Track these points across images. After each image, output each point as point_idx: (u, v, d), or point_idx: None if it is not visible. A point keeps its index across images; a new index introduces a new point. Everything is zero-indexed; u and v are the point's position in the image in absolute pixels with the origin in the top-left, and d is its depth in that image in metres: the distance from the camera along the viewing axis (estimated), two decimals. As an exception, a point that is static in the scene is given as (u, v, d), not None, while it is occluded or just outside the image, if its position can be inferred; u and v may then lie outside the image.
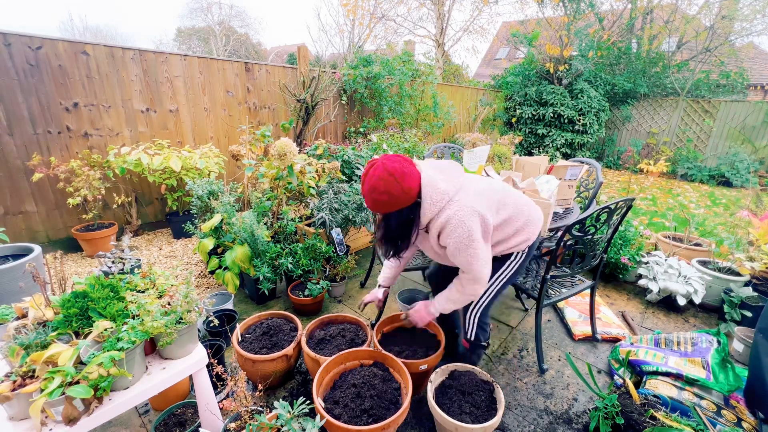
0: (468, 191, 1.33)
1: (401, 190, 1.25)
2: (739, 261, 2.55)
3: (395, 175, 1.24)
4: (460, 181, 1.35)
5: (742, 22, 8.72)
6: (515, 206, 1.44)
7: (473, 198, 1.31)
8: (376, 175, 1.26)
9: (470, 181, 1.39)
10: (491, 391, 1.57)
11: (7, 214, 3.15)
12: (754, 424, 1.54)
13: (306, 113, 4.64)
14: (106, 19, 38.32)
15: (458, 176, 1.37)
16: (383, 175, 1.25)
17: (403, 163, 1.27)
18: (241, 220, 2.50)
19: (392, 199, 1.27)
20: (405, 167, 1.27)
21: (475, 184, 1.39)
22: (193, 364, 1.32)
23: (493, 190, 1.42)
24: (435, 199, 1.28)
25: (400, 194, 1.26)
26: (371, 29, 11.59)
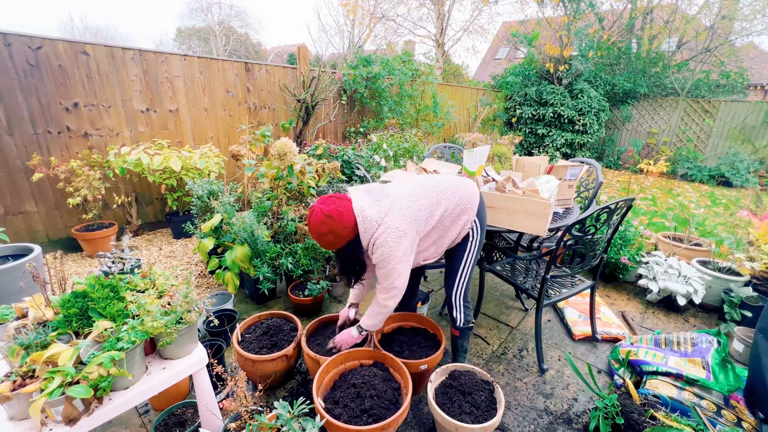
0: (394, 212, 1.43)
1: (342, 226, 1.40)
2: (739, 261, 2.55)
3: (333, 216, 1.39)
4: (387, 203, 1.45)
5: (742, 22, 8.72)
6: (447, 199, 1.54)
7: (398, 219, 1.42)
8: (317, 221, 1.41)
9: (397, 198, 1.48)
10: (491, 391, 1.57)
11: (7, 214, 3.15)
12: (754, 424, 1.54)
13: (306, 113, 4.64)
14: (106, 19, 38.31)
15: (385, 198, 1.47)
16: (323, 219, 1.40)
17: (337, 203, 1.42)
18: (241, 220, 2.50)
19: (337, 237, 1.43)
20: (339, 206, 1.41)
21: (402, 201, 1.48)
22: (193, 364, 1.32)
23: (419, 198, 1.50)
24: (366, 227, 1.41)
25: (342, 230, 1.41)
26: (371, 29, 11.58)
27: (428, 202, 1.51)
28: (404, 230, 1.42)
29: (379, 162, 3.75)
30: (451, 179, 1.65)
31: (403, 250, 1.43)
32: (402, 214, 1.44)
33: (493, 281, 3.04)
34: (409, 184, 1.58)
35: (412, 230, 1.45)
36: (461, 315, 1.74)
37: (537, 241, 2.53)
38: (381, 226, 1.41)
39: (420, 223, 1.48)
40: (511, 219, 1.84)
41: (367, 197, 1.47)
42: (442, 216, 1.53)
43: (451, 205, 1.55)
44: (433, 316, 2.53)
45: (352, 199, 1.47)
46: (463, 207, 1.58)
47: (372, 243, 1.43)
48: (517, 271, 2.32)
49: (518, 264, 2.41)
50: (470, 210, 1.59)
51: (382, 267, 1.46)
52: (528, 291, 2.02)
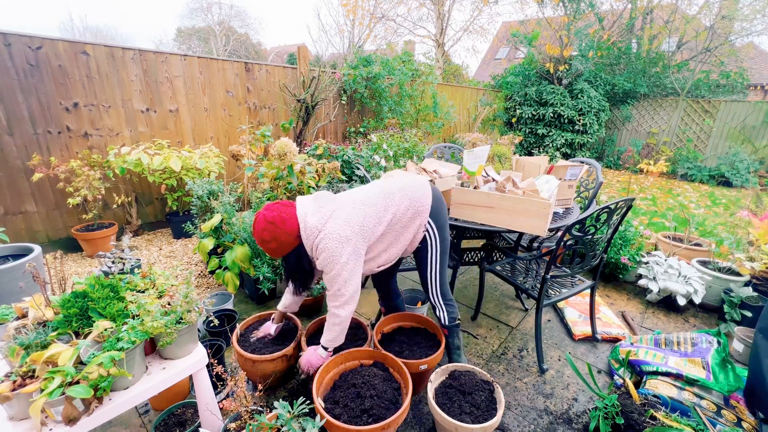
0: (337, 218, 1.42)
1: (285, 233, 1.40)
2: (739, 261, 2.55)
3: (275, 223, 1.39)
4: (330, 209, 1.44)
5: (742, 22, 8.72)
6: (395, 204, 1.52)
7: (341, 225, 1.40)
8: (259, 227, 1.41)
9: (343, 205, 1.47)
10: (491, 391, 1.57)
11: (7, 214, 3.15)
12: (754, 424, 1.54)
13: (306, 113, 4.64)
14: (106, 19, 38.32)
15: (329, 205, 1.46)
16: (265, 226, 1.40)
17: (281, 210, 1.42)
18: (241, 220, 2.50)
19: (280, 244, 1.42)
20: (283, 212, 1.41)
21: (347, 207, 1.46)
22: (193, 364, 1.32)
23: (365, 204, 1.48)
24: (308, 234, 1.41)
25: (285, 237, 1.41)
26: (371, 29, 11.59)
27: (374, 210, 1.49)
28: (347, 236, 1.40)
29: (379, 162, 3.75)
30: (402, 182, 1.61)
31: (346, 256, 1.40)
32: (346, 221, 1.42)
33: (493, 281, 3.04)
34: (360, 191, 1.57)
35: (356, 237, 1.42)
36: (444, 313, 1.74)
37: (537, 241, 2.53)
38: (322, 232, 1.40)
39: (367, 230, 1.46)
40: (511, 219, 1.84)
41: (312, 204, 1.46)
42: (390, 222, 1.51)
43: (400, 210, 1.52)
44: (432, 316, 2.53)
45: (296, 204, 1.46)
46: (414, 210, 1.55)
47: (315, 248, 1.42)
48: (517, 271, 2.32)
49: (518, 264, 2.41)
50: (422, 213, 1.57)
51: (326, 272, 1.45)
52: (528, 291, 2.02)
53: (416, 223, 1.57)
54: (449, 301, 1.75)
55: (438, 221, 1.61)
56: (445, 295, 1.73)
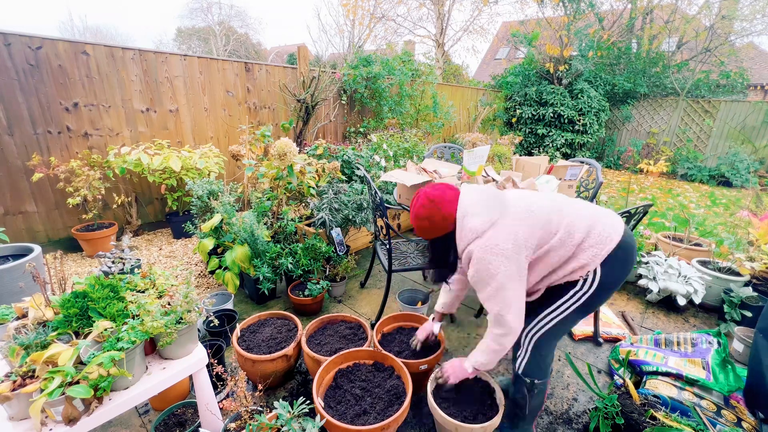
0: (502, 226, 1.21)
1: (441, 216, 1.28)
2: (739, 261, 2.55)
3: (435, 201, 1.28)
4: (496, 213, 1.23)
5: (742, 22, 8.72)
6: (567, 226, 1.22)
7: (505, 236, 1.19)
8: (419, 203, 1.32)
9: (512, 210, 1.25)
10: (491, 391, 1.57)
11: (7, 214, 3.15)
12: (754, 424, 1.54)
13: (306, 113, 4.64)
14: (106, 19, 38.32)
15: (497, 205, 1.25)
16: (425, 203, 1.30)
17: (444, 191, 1.31)
18: (241, 220, 2.50)
19: (433, 225, 1.30)
20: (446, 194, 1.29)
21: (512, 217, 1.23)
22: (193, 364, 1.32)
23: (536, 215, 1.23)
24: (463, 233, 1.26)
25: (440, 220, 1.28)
26: (371, 29, 11.58)
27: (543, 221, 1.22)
28: (507, 249, 1.18)
29: (379, 162, 3.75)
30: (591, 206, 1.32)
31: (504, 272, 1.18)
32: (509, 233, 1.20)
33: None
34: (529, 198, 1.30)
35: (519, 254, 1.19)
36: (524, 359, 1.41)
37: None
38: (480, 238, 1.21)
39: (529, 247, 1.21)
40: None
41: (479, 198, 1.28)
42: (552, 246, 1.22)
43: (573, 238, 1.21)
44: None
45: (461, 191, 1.32)
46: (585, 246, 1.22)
47: (467, 254, 1.25)
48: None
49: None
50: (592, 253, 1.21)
51: (479, 290, 1.27)
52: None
53: (579, 261, 1.22)
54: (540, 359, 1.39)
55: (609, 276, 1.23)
56: (539, 348, 1.37)
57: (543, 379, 1.41)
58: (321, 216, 2.72)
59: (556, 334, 1.36)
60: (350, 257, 2.79)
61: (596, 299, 1.27)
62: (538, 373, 1.40)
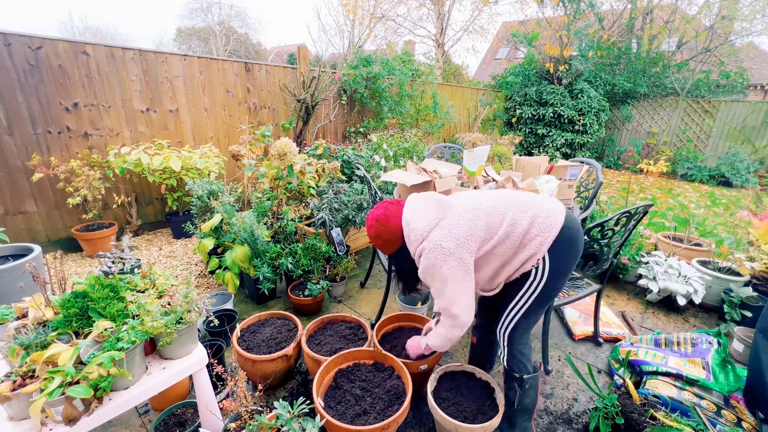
0: (443, 227, 1.27)
1: (388, 232, 1.38)
2: (739, 261, 2.55)
3: (380, 220, 1.38)
4: (438, 215, 1.30)
5: (742, 22, 8.72)
6: (511, 219, 1.26)
7: (446, 236, 1.25)
8: (368, 224, 1.43)
9: (453, 211, 1.31)
10: (491, 391, 1.57)
11: (7, 214, 3.15)
12: (754, 424, 1.54)
13: (306, 113, 4.64)
14: (106, 19, 38.33)
15: (440, 208, 1.32)
16: (372, 224, 1.41)
17: (387, 208, 1.39)
18: (241, 220, 2.50)
19: (385, 242, 1.41)
20: (388, 210, 1.38)
21: (457, 215, 1.29)
22: (193, 364, 1.32)
23: (478, 214, 1.28)
24: (411, 239, 1.34)
25: (389, 236, 1.38)
26: (371, 29, 11.58)
27: (486, 221, 1.27)
28: (449, 248, 1.23)
29: (379, 162, 3.75)
30: (530, 197, 1.34)
31: (447, 270, 1.24)
32: (451, 231, 1.25)
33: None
34: (476, 196, 1.36)
35: (461, 250, 1.24)
36: (504, 354, 1.46)
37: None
38: (425, 240, 1.28)
39: (472, 244, 1.25)
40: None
41: (421, 205, 1.35)
42: (501, 239, 1.26)
43: (517, 228, 1.25)
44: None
45: (404, 205, 1.39)
46: (530, 236, 1.25)
47: (417, 256, 1.34)
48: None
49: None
50: (538, 242, 1.25)
51: (429, 285, 1.35)
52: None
53: (527, 252, 1.26)
54: (517, 352, 1.42)
55: (556, 263, 1.28)
56: (512, 340, 1.42)
57: (529, 373, 1.43)
58: (321, 216, 2.72)
59: (526, 326, 1.41)
60: (350, 257, 2.79)
61: (551, 287, 1.31)
62: (522, 367, 1.42)
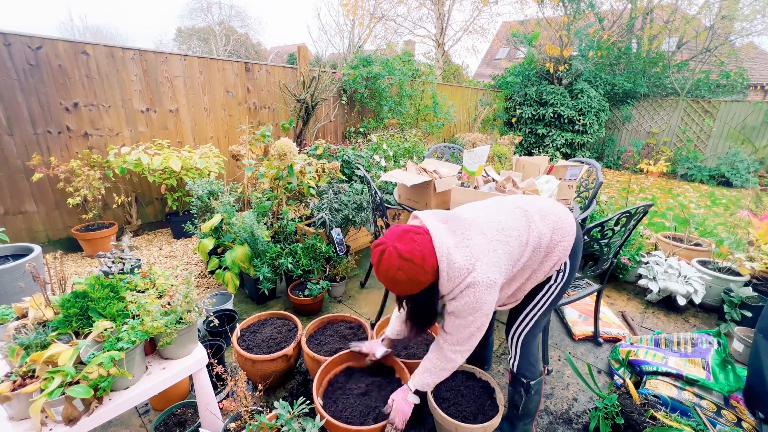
0: (485, 257, 1.15)
1: (424, 272, 1.11)
2: (739, 261, 2.55)
3: (414, 260, 1.09)
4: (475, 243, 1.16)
5: (742, 22, 8.72)
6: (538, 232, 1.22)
7: (491, 266, 1.15)
8: (393, 265, 1.10)
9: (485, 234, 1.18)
10: (491, 391, 1.57)
11: (7, 214, 3.15)
12: (754, 424, 1.54)
13: (306, 113, 4.64)
14: (106, 19, 38.32)
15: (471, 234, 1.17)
16: (401, 264, 1.09)
17: (417, 241, 1.12)
18: (241, 220, 2.50)
19: (416, 284, 1.14)
20: (420, 245, 1.11)
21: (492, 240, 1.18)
22: (193, 364, 1.32)
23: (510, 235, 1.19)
24: (452, 275, 1.14)
25: (424, 276, 1.12)
26: (371, 29, 11.58)
27: (518, 241, 1.20)
28: (495, 280, 1.15)
29: (379, 162, 3.75)
30: (543, 205, 1.30)
31: (491, 303, 1.17)
32: (494, 260, 1.16)
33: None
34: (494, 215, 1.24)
35: (501, 278, 1.18)
36: (515, 359, 1.43)
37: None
38: (471, 273, 1.13)
39: (510, 268, 1.21)
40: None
41: (448, 233, 1.17)
42: (530, 258, 1.23)
43: (543, 242, 1.23)
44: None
45: (431, 234, 1.15)
46: (553, 244, 1.24)
47: (458, 290, 1.16)
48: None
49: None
50: (562, 248, 1.24)
51: (459, 317, 1.21)
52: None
53: (553, 259, 1.25)
54: (530, 357, 1.41)
55: (573, 264, 1.30)
56: (526, 345, 1.40)
57: (536, 378, 1.43)
58: (321, 216, 2.72)
59: (538, 329, 1.41)
60: (350, 257, 2.79)
61: (565, 288, 1.33)
62: (531, 371, 1.43)
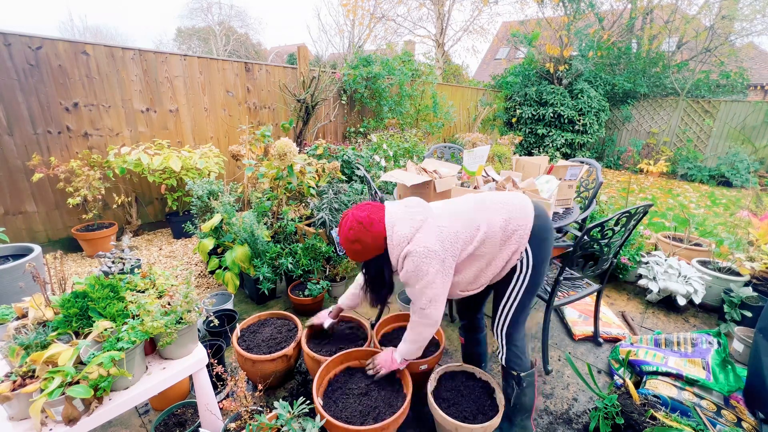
0: (427, 230, 1.29)
1: (371, 236, 1.30)
2: (739, 261, 2.55)
3: (363, 223, 1.30)
4: (421, 218, 1.31)
5: (742, 22, 8.72)
6: (490, 217, 1.33)
7: (431, 238, 1.28)
8: (347, 225, 1.32)
9: (435, 215, 1.34)
10: (491, 391, 1.57)
11: (7, 214, 3.15)
12: (754, 424, 1.54)
13: (306, 113, 4.64)
14: (106, 19, 38.33)
15: (422, 212, 1.33)
16: (353, 225, 1.31)
17: (371, 211, 1.33)
18: (241, 220, 2.50)
19: (365, 247, 1.32)
20: (372, 213, 1.32)
21: (440, 219, 1.33)
22: (193, 364, 1.32)
23: (458, 218, 1.34)
24: (395, 243, 1.30)
25: (371, 241, 1.31)
26: (371, 29, 11.58)
27: (468, 225, 1.32)
28: (435, 251, 1.26)
29: (379, 162, 3.75)
30: (502, 196, 1.40)
31: (433, 273, 1.27)
32: (437, 234, 1.28)
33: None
34: (455, 203, 1.42)
35: (445, 253, 1.28)
36: (503, 353, 1.49)
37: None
38: (411, 243, 1.28)
39: (457, 246, 1.30)
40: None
41: (402, 211, 1.34)
42: (482, 240, 1.31)
43: (494, 226, 1.31)
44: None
45: (385, 207, 1.36)
46: (510, 230, 1.31)
47: (400, 259, 1.31)
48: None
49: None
50: (519, 236, 1.32)
51: (410, 286, 1.34)
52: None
53: (511, 247, 1.32)
54: (515, 348, 1.46)
55: (538, 252, 1.35)
56: (510, 337, 1.46)
57: (527, 370, 1.47)
58: (321, 216, 2.72)
59: (520, 319, 1.45)
60: (350, 257, 2.79)
61: (537, 274, 1.37)
62: (520, 363, 1.46)
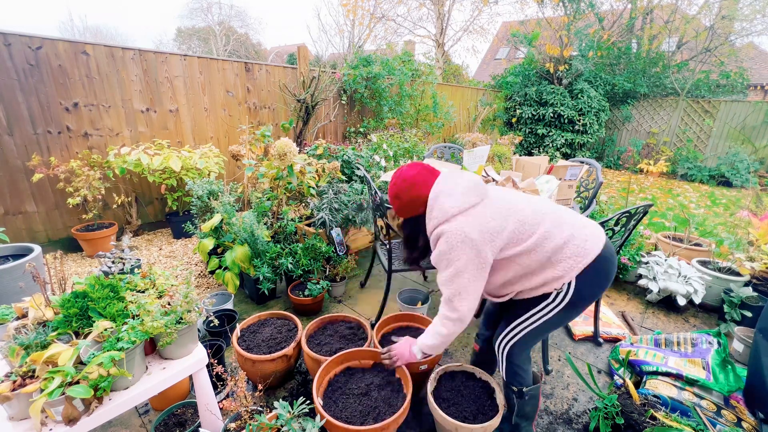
0: (472, 214, 1.18)
1: (410, 197, 1.28)
2: (739, 261, 2.55)
3: (407, 181, 1.28)
4: (471, 200, 1.20)
5: (742, 22, 8.72)
6: (545, 232, 1.17)
7: (471, 224, 1.16)
8: (394, 180, 1.33)
9: (489, 200, 1.22)
10: (491, 391, 1.57)
11: (7, 214, 3.15)
12: (754, 424, 1.54)
13: (306, 113, 4.64)
14: (106, 19, 38.31)
15: (475, 193, 1.21)
16: (396, 180, 1.31)
17: (419, 171, 1.29)
18: (241, 220, 2.50)
19: (402, 204, 1.31)
20: (418, 177, 1.28)
21: (491, 206, 1.20)
22: (193, 364, 1.32)
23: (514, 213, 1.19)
24: (435, 214, 1.23)
25: (408, 201, 1.29)
26: (371, 29, 11.57)
27: (520, 225, 1.18)
28: (473, 239, 1.14)
29: (379, 162, 3.75)
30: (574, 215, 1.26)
31: (465, 260, 1.16)
32: (482, 222, 1.16)
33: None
34: (516, 195, 1.29)
35: (485, 245, 1.15)
36: (503, 365, 1.40)
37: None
38: (450, 222, 1.18)
39: (496, 243, 1.17)
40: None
41: (459, 181, 1.24)
42: (528, 247, 1.17)
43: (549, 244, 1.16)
44: (432, 317, 2.53)
45: (439, 178, 1.29)
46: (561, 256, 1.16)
47: (435, 236, 1.22)
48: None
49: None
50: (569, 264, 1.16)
51: (440, 271, 1.24)
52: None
53: (554, 272, 1.18)
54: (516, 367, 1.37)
55: (583, 289, 1.19)
56: (512, 356, 1.36)
57: (529, 385, 1.40)
58: (321, 216, 2.72)
59: (527, 343, 1.35)
60: (350, 257, 2.79)
61: (567, 314, 1.25)
62: (521, 381, 1.38)
